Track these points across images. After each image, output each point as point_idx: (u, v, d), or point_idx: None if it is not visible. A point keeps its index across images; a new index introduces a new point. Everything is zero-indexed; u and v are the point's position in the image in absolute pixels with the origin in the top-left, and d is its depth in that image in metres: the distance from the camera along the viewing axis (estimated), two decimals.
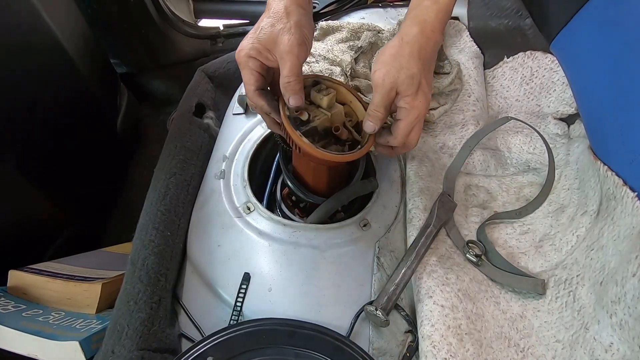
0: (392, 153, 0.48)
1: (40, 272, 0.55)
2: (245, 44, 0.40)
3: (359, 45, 0.65)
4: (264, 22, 0.40)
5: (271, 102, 0.42)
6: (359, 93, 0.46)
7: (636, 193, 0.40)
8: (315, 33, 0.69)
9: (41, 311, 0.51)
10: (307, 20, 0.41)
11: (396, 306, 0.45)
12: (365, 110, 0.43)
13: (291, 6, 0.40)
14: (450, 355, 0.38)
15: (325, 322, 0.43)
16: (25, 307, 0.51)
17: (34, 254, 0.69)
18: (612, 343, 0.34)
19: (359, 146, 0.43)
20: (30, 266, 0.57)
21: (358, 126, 0.46)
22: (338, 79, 0.48)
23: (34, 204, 0.70)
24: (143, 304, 0.43)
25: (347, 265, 0.48)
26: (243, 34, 1.15)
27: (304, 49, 0.39)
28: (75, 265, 0.59)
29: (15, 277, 0.54)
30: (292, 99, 0.40)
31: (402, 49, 0.41)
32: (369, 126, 0.43)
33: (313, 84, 0.45)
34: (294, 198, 0.55)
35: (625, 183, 0.42)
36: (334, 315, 0.45)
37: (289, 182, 0.52)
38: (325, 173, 0.48)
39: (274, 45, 0.39)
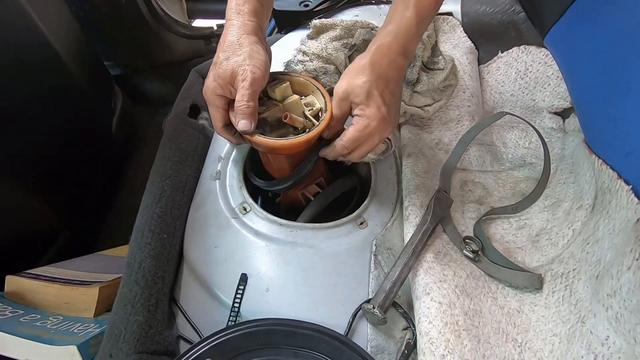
0: (327, 154, 0.48)
1: (37, 277, 0.55)
2: (209, 83, 0.43)
3: (353, 43, 0.65)
4: (220, 56, 0.42)
5: (236, 135, 0.46)
6: (319, 84, 0.48)
7: (631, 186, 0.40)
8: (309, 31, 0.69)
9: (39, 316, 0.51)
10: (259, 47, 0.43)
11: (394, 304, 0.45)
12: (326, 99, 0.46)
13: (242, 37, 0.42)
14: (448, 351, 0.38)
15: (323, 322, 0.43)
16: (22, 312, 0.51)
17: (31, 259, 0.68)
18: (608, 336, 0.34)
19: (307, 131, 0.45)
20: (27, 271, 0.56)
21: (319, 115, 0.47)
22: (299, 72, 0.50)
23: (30, 208, 0.70)
24: (140, 307, 0.42)
25: (344, 264, 0.48)
26: None
27: (259, 77, 0.41)
28: (72, 269, 0.59)
29: (12, 282, 0.54)
30: (241, 123, 0.42)
31: (358, 63, 0.45)
32: (325, 132, 0.46)
33: (271, 79, 0.47)
34: (270, 194, 0.58)
35: (620, 176, 0.42)
36: (331, 314, 0.45)
37: (250, 179, 0.54)
38: (284, 159, 0.49)
39: (232, 79, 0.42)
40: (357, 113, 0.44)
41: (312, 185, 0.54)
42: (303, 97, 0.48)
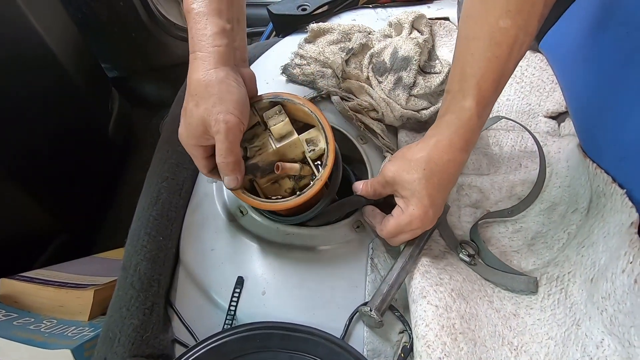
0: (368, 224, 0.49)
1: (31, 280, 0.55)
2: (182, 132, 0.39)
3: (350, 47, 0.65)
4: (189, 104, 0.37)
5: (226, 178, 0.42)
6: (324, 118, 0.42)
7: (625, 190, 0.40)
8: (306, 35, 0.69)
9: (32, 319, 0.51)
10: (231, 81, 0.36)
11: (390, 307, 0.45)
12: (328, 138, 0.41)
13: (208, 73, 0.35)
14: (445, 354, 0.38)
15: (320, 325, 0.43)
16: (16, 315, 0.51)
17: (25, 262, 0.68)
18: (603, 339, 0.35)
19: (301, 192, 0.40)
20: (21, 274, 0.56)
21: (322, 156, 0.41)
22: (303, 98, 0.43)
23: (25, 211, 0.70)
24: (135, 310, 0.42)
25: (340, 267, 0.48)
26: None
27: (234, 124, 0.36)
28: (67, 272, 0.59)
29: (6, 285, 0.54)
30: (227, 180, 0.38)
31: (415, 154, 0.41)
32: (357, 189, 0.47)
33: (270, 105, 0.42)
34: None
35: (614, 180, 0.42)
36: (328, 317, 0.45)
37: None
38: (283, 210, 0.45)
39: (205, 129, 0.36)
40: (400, 204, 0.42)
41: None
42: (306, 129, 0.42)
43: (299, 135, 0.42)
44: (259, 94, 0.44)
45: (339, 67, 0.63)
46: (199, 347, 0.40)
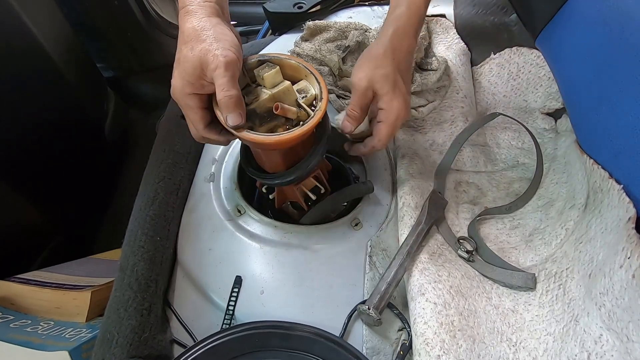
0: (363, 152, 0.49)
1: (28, 282, 0.54)
2: (176, 83, 0.37)
3: (347, 45, 0.65)
4: (182, 51, 0.36)
5: (223, 132, 0.40)
6: (313, 67, 0.43)
7: (622, 186, 0.40)
8: (302, 33, 0.69)
9: (29, 321, 0.50)
10: (225, 28, 0.37)
11: (389, 305, 0.45)
12: (321, 84, 0.41)
13: (202, 20, 0.36)
14: (444, 352, 0.38)
15: (319, 323, 0.42)
16: (13, 317, 0.50)
17: (22, 264, 0.67)
18: (601, 334, 0.35)
19: (301, 124, 0.40)
20: (18, 276, 0.56)
21: (314, 103, 0.42)
22: (290, 55, 0.44)
23: (21, 212, 0.69)
24: (133, 311, 0.42)
25: (339, 265, 0.48)
26: None
27: (232, 58, 0.35)
28: (64, 274, 0.58)
29: (3, 287, 0.53)
30: (230, 118, 0.36)
31: (377, 50, 0.43)
32: (347, 126, 0.45)
33: (258, 63, 0.42)
34: (264, 190, 0.53)
35: (611, 176, 0.42)
36: (327, 315, 0.45)
37: (245, 169, 0.48)
38: (278, 154, 0.44)
39: (202, 69, 0.36)
40: (383, 106, 0.43)
41: (310, 178, 0.49)
42: (295, 83, 0.43)
43: None
44: None
45: (336, 65, 0.63)
46: (197, 347, 0.39)
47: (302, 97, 0.42)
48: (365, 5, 0.78)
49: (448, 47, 0.69)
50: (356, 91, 0.43)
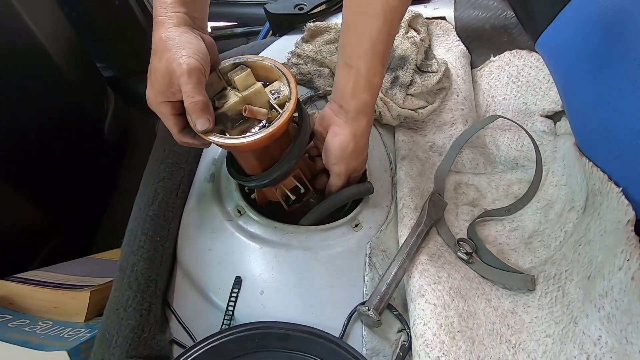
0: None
1: (26, 281, 0.54)
2: (149, 93, 0.40)
3: None
4: (152, 61, 0.38)
5: (197, 136, 0.42)
6: (285, 68, 0.43)
7: (621, 188, 0.40)
8: (303, 34, 0.69)
9: (28, 321, 0.50)
10: (190, 36, 0.39)
11: (388, 306, 0.45)
12: (291, 84, 0.42)
13: (168, 31, 0.38)
14: (443, 353, 0.39)
15: (318, 324, 0.43)
16: (11, 317, 0.50)
17: (21, 263, 0.67)
18: (600, 336, 0.35)
19: (270, 125, 0.40)
20: (16, 275, 0.55)
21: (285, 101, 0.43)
22: (264, 57, 0.44)
23: (20, 211, 0.69)
24: (132, 311, 0.42)
25: (339, 266, 0.48)
26: (231, 36, 1.14)
27: (195, 65, 0.37)
28: (63, 273, 0.58)
29: (1, 286, 0.53)
30: (198, 123, 0.38)
31: (358, 144, 0.46)
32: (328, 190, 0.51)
33: (232, 67, 0.43)
34: (246, 190, 0.54)
35: (610, 178, 0.42)
36: (326, 316, 0.45)
37: (228, 171, 0.49)
38: (252, 156, 0.44)
39: (170, 78, 0.37)
40: (356, 175, 0.52)
41: (290, 178, 0.48)
42: (268, 84, 0.43)
43: None
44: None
45: (335, 67, 0.63)
46: (197, 348, 0.39)
47: (275, 98, 0.42)
48: None
49: (448, 49, 0.69)
50: (341, 179, 0.49)
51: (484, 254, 0.49)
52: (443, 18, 0.73)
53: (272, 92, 0.43)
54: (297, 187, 0.49)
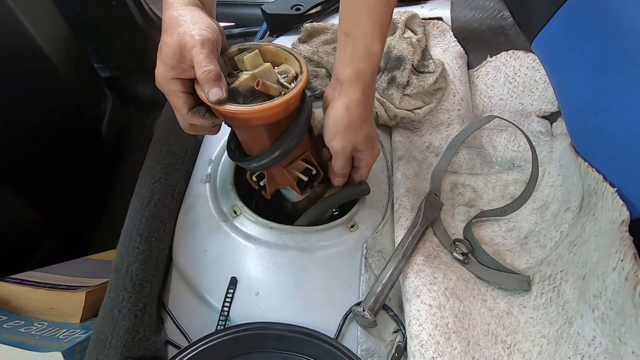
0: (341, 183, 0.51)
1: (22, 282, 0.54)
2: (158, 70, 0.39)
3: None
4: (163, 39, 0.38)
5: (207, 115, 0.41)
6: (292, 49, 0.44)
7: (616, 188, 0.40)
8: (300, 35, 0.69)
9: (23, 322, 0.50)
10: (202, 14, 0.39)
11: (384, 306, 0.45)
12: (300, 62, 0.42)
13: (179, 9, 0.38)
14: (438, 354, 0.39)
15: (314, 325, 0.42)
16: (6, 318, 0.50)
17: (16, 264, 0.67)
18: (594, 337, 0.35)
19: (282, 93, 0.40)
20: (12, 276, 0.55)
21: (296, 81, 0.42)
22: (269, 42, 0.45)
23: (16, 212, 0.69)
24: (127, 312, 0.42)
25: (334, 267, 0.48)
26: (230, 36, 1.14)
27: (208, 36, 0.37)
28: (58, 274, 0.58)
29: None
30: (211, 93, 0.37)
31: (353, 116, 0.42)
32: (339, 182, 0.49)
33: (238, 51, 0.43)
34: (254, 178, 0.52)
35: (605, 179, 0.42)
36: (322, 317, 0.45)
37: (230, 157, 0.48)
38: (263, 132, 0.43)
39: (182, 52, 0.37)
40: (363, 157, 0.47)
41: (298, 161, 0.48)
42: (276, 67, 0.43)
43: None
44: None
45: (332, 67, 0.63)
46: (192, 349, 0.39)
47: (283, 77, 0.42)
48: None
49: (445, 50, 0.70)
50: (341, 157, 0.45)
51: (480, 255, 0.49)
52: (440, 19, 0.73)
53: (280, 72, 0.43)
54: (307, 168, 0.48)
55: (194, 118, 0.41)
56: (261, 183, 0.51)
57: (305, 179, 0.48)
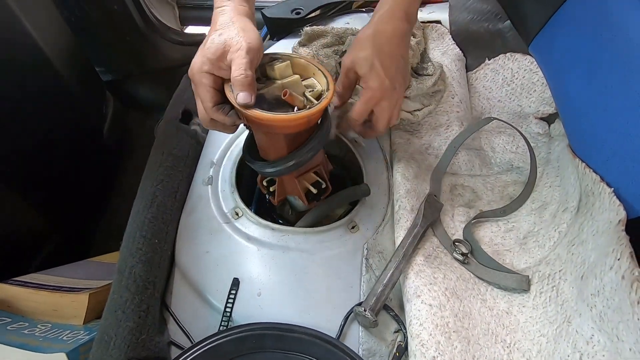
0: (344, 127, 0.52)
1: (25, 284, 0.55)
2: (196, 60, 0.40)
3: (343, 50, 0.66)
4: (210, 36, 0.40)
5: (231, 113, 0.42)
6: (321, 65, 0.45)
7: (613, 189, 0.41)
8: (300, 38, 0.70)
9: (27, 324, 0.50)
10: (250, 24, 0.42)
11: (385, 306, 0.45)
12: (328, 79, 0.44)
13: (234, 17, 0.41)
14: (439, 353, 0.39)
15: (315, 325, 0.43)
16: (10, 320, 0.51)
17: (19, 266, 0.67)
18: (593, 335, 0.35)
19: (307, 107, 0.41)
20: (15, 278, 0.56)
21: (321, 97, 0.44)
22: (300, 54, 0.47)
23: (18, 214, 0.69)
24: (131, 313, 0.42)
25: (336, 268, 0.48)
26: None
27: (254, 46, 0.39)
28: (61, 276, 0.58)
29: (0, 290, 0.53)
30: (241, 96, 0.38)
31: (362, 34, 0.46)
32: (334, 100, 0.48)
33: (270, 60, 0.44)
34: (265, 183, 0.53)
35: (602, 179, 0.43)
36: (323, 317, 0.45)
37: (246, 160, 0.48)
38: (282, 140, 0.44)
39: (224, 52, 0.39)
40: (362, 85, 0.47)
41: (310, 173, 0.50)
42: (304, 80, 0.45)
43: None
44: None
45: (333, 70, 0.64)
46: (195, 349, 0.40)
47: (310, 91, 0.43)
48: (362, 11, 0.79)
49: (444, 52, 0.70)
50: (341, 70, 0.47)
51: (479, 255, 0.50)
52: (438, 22, 0.74)
53: (307, 86, 0.44)
54: (318, 181, 0.50)
55: (217, 114, 0.42)
56: (271, 189, 0.53)
57: (314, 191, 0.50)
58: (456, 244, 0.50)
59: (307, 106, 0.41)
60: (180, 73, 0.75)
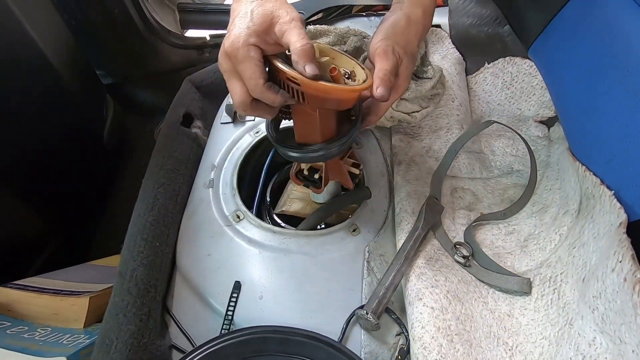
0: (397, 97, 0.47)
1: (25, 288, 0.54)
2: (239, 32, 0.34)
3: (345, 49, 0.66)
4: (249, 6, 0.35)
5: (281, 92, 0.37)
6: (341, 50, 0.43)
7: (613, 191, 0.41)
8: None
9: (27, 328, 0.50)
10: (290, 4, 0.37)
11: (387, 309, 0.45)
12: (354, 60, 0.41)
13: None
14: (441, 356, 0.39)
15: (317, 328, 0.43)
16: (9, 324, 0.50)
17: (19, 270, 0.67)
18: (595, 337, 0.35)
19: (361, 81, 0.39)
20: (15, 282, 0.55)
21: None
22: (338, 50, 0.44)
23: (18, 217, 0.69)
24: (132, 316, 0.42)
25: (337, 271, 0.48)
26: None
27: (302, 19, 0.35)
28: (61, 280, 0.58)
29: (0, 293, 0.53)
30: (308, 67, 0.34)
31: (410, 27, 0.43)
32: (382, 91, 0.39)
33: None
34: (306, 172, 0.50)
35: (602, 182, 0.43)
36: (325, 320, 0.45)
37: (287, 151, 0.44)
38: (332, 117, 0.41)
39: (272, 23, 0.34)
40: (400, 74, 0.43)
41: (346, 157, 0.49)
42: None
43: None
44: None
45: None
46: (196, 353, 0.40)
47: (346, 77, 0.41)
48: (363, 15, 0.79)
49: (443, 56, 0.71)
50: (389, 60, 0.40)
51: (480, 258, 0.50)
52: (438, 26, 0.74)
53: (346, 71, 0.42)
54: (355, 162, 0.50)
55: (268, 93, 0.36)
56: (315, 176, 0.49)
57: (356, 171, 0.49)
58: (457, 246, 0.50)
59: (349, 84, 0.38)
60: (181, 76, 0.75)
